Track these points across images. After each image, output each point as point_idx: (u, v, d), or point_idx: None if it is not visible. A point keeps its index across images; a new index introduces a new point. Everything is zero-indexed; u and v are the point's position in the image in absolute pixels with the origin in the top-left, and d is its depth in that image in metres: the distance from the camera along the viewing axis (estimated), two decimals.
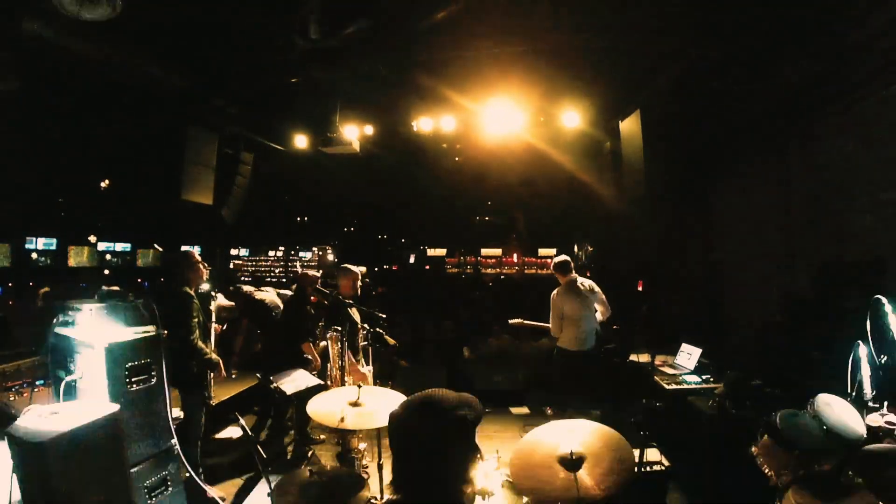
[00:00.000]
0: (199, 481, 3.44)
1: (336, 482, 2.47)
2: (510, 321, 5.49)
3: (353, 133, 6.41)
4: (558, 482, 1.95)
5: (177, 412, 3.66)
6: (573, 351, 4.82)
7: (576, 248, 13.43)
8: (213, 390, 4.23)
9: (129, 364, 2.94)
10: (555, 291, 4.95)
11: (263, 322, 5.86)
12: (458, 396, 1.27)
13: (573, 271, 4.98)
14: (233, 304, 5.96)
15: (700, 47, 4.39)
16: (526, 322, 5.38)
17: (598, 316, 4.94)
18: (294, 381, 3.71)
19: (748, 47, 4.27)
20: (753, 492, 2.70)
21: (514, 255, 23.35)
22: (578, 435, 2.15)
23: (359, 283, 4.52)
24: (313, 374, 3.91)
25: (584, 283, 4.97)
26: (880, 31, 3.49)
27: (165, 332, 3.19)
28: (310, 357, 4.62)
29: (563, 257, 5.09)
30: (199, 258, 4.13)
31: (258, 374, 4.55)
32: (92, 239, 16.21)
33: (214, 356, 3.97)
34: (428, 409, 1.24)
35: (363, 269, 4.81)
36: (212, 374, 4.10)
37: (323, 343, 5.00)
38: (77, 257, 17.93)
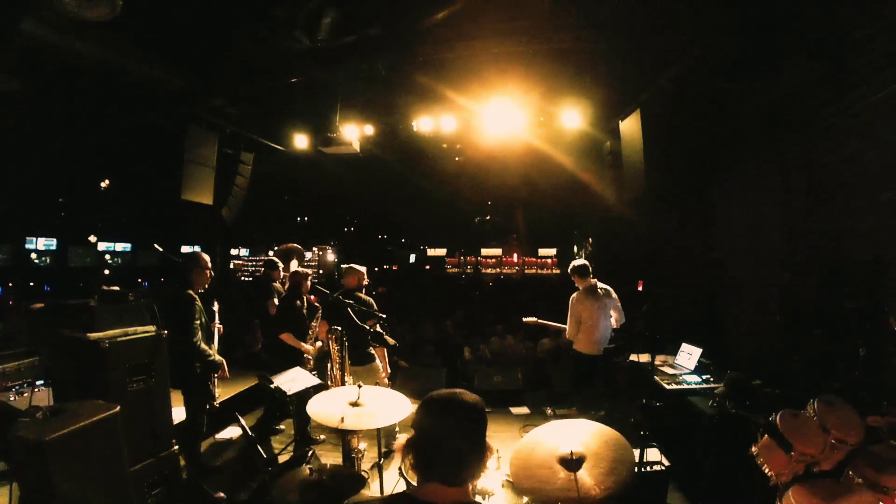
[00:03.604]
0: (199, 481, 3.44)
1: (336, 481, 2.46)
2: (524, 319, 5.53)
3: (353, 133, 6.40)
4: (558, 482, 1.95)
5: (178, 412, 3.67)
6: (588, 355, 4.90)
7: (576, 248, 13.41)
8: (216, 390, 4.25)
9: (130, 364, 2.94)
10: (574, 295, 5.01)
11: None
12: (474, 396, 1.42)
13: (591, 275, 5.02)
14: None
15: (700, 47, 4.39)
16: (540, 321, 5.41)
17: (612, 322, 5.01)
18: (294, 381, 3.70)
19: (749, 47, 4.26)
20: (753, 492, 2.70)
21: (514, 255, 23.39)
22: (578, 435, 2.15)
23: (364, 280, 4.73)
24: (313, 374, 3.90)
25: (602, 287, 5.02)
26: (880, 31, 3.48)
27: (165, 332, 3.19)
28: (294, 346, 4.54)
29: (582, 261, 5.13)
30: (208, 263, 4.10)
31: (258, 374, 4.55)
32: (92, 239, 16.20)
33: (217, 357, 4.01)
34: (452, 404, 1.37)
35: (363, 268, 4.83)
36: (215, 375, 4.12)
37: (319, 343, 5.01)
38: (77, 257, 17.94)
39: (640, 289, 8.56)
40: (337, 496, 2.36)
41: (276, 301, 5.11)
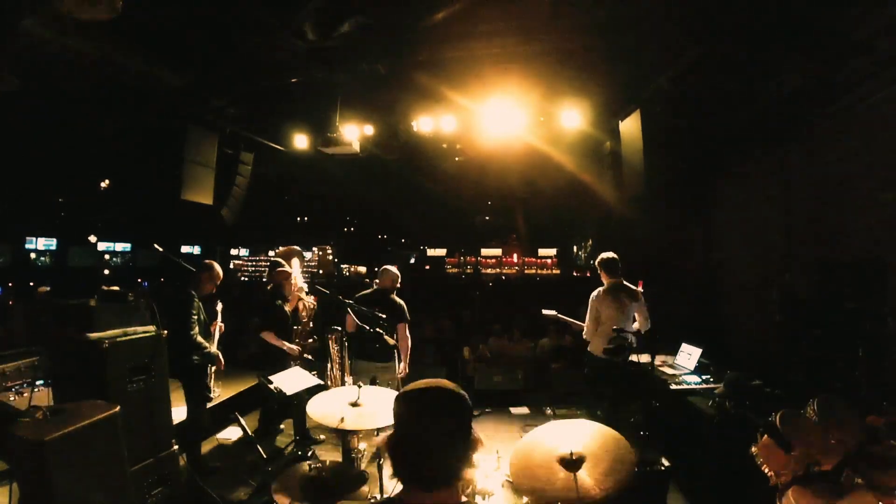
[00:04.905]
0: (199, 481, 3.44)
1: (337, 478, 2.46)
2: (544, 312, 5.15)
3: (353, 133, 6.39)
4: (558, 482, 1.95)
5: (178, 412, 3.68)
6: (601, 358, 4.46)
7: (575, 249, 13.41)
8: (214, 385, 4.35)
9: (129, 364, 2.94)
10: (595, 292, 4.62)
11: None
12: (455, 386, 1.27)
13: (620, 273, 4.59)
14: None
15: (700, 47, 4.39)
16: (560, 315, 5.08)
17: (636, 325, 4.61)
18: (294, 381, 3.71)
19: (749, 47, 4.26)
20: (753, 492, 2.70)
21: (514, 255, 23.39)
22: (578, 435, 2.15)
23: (398, 282, 4.85)
24: (313, 374, 3.91)
25: (630, 288, 4.62)
26: (880, 31, 3.49)
27: (165, 331, 3.20)
28: (276, 345, 4.55)
29: (611, 255, 4.67)
30: (220, 277, 4.36)
31: (258, 374, 4.56)
32: (92, 239, 16.22)
33: (214, 349, 4.18)
34: (425, 397, 1.24)
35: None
36: (212, 368, 4.29)
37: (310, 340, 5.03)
38: (77, 258, 17.94)
39: (640, 289, 8.54)
40: (337, 492, 2.36)
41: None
